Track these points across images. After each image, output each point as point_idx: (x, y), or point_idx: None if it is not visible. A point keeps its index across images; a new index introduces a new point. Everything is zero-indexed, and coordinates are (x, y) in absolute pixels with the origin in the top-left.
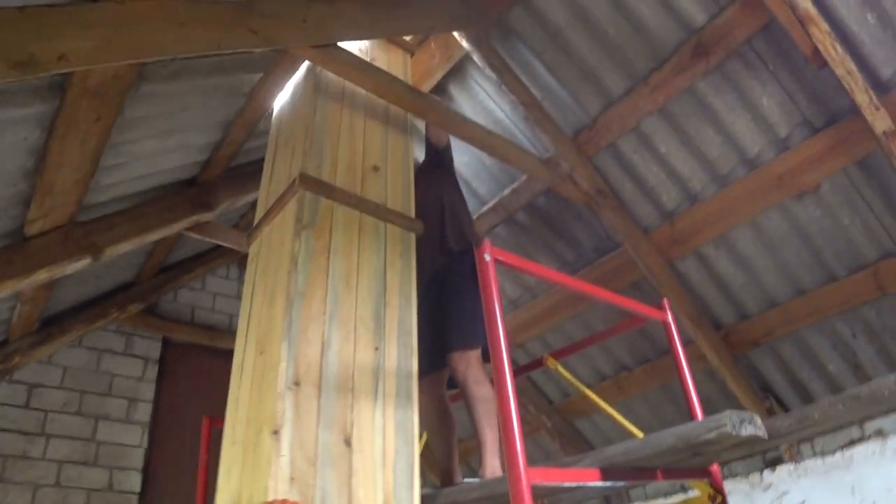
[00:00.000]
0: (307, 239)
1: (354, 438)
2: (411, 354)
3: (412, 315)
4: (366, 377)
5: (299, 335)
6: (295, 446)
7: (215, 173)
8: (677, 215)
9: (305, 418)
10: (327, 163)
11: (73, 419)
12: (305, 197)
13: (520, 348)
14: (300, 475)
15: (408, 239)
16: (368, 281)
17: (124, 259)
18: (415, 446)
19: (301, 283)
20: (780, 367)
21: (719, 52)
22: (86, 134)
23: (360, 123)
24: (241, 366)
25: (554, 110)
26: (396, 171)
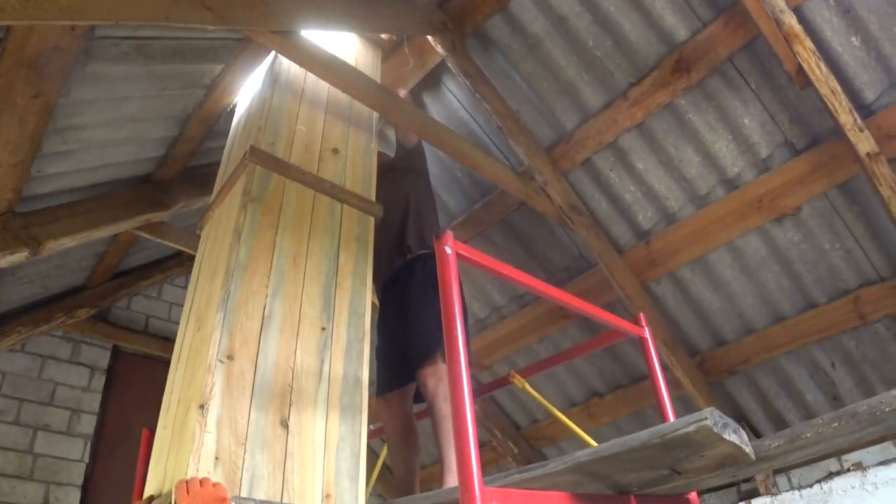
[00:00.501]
0: (253, 212)
1: (292, 421)
2: (363, 338)
3: (366, 298)
4: (310, 357)
5: (237, 308)
6: (223, 424)
7: (172, 172)
8: (653, 235)
9: (237, 395)
10: (282, 140)
11: (10, 429)
12: (255, 171)
13: (486, 370)
14: (227, 455)
15: (366, 222)
16: (319, 260)
17: (74, 260)
18: (362, 436)
19: (243, 256)
20: (757, 396)
21: (701, 68)
22: (24, 112)
23: (320, 110)
24: (179, 349)
25: (529, 122)
26: (358, 154)
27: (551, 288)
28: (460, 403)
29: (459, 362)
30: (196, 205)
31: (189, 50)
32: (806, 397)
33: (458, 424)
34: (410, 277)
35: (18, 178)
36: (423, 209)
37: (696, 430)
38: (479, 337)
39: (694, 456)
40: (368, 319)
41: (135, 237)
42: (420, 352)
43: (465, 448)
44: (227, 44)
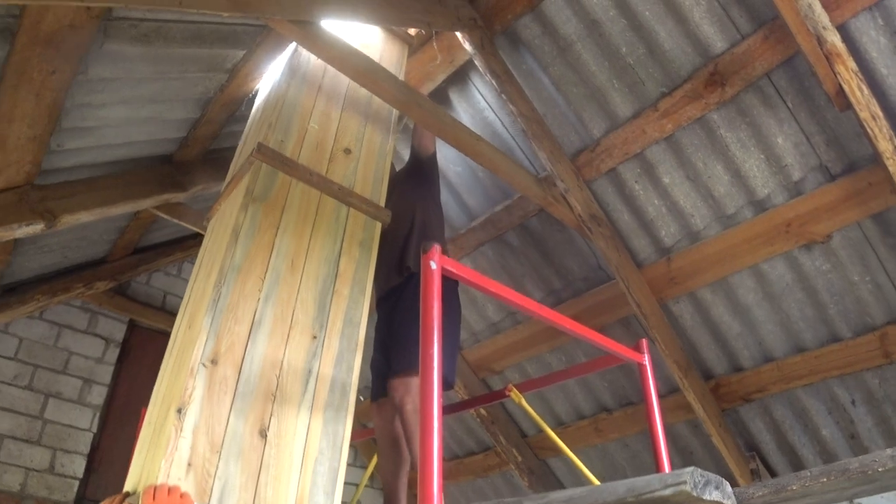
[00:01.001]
0: (254, 213)
1: (271, 431)
2: (355, 349)
3: (363, 308)
4: (297, 367)
5: (226, 310)
6: (200, 429)
7: (193, 153)
8: (675, 253)
9: (217, 400)
10: (293, 138)
11: (22, 393)
12: (261, 168)
13: (497, 375)
14: (200, 462)
15: (372, 227)
16: (318, 265)
17: (95, 233)
18: (342, 451)
19: (238, 258)
20: (770, 428)
21: (736, 82)
22: (40, 87)
23: (337, 105)
24: (172, 345)
25: (555, 127)
26: (371, 157)
27: (543, 308)
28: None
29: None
30: (214, 188)
31: (209, 34)
32: (822, 433)
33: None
34: (403, 294)
35: (37, 152)
36: (429, 227)
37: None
38: (491, 341)
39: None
40: (363, 330)
41: (156, 214)
42: (396, 364)
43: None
44: (249, 30)
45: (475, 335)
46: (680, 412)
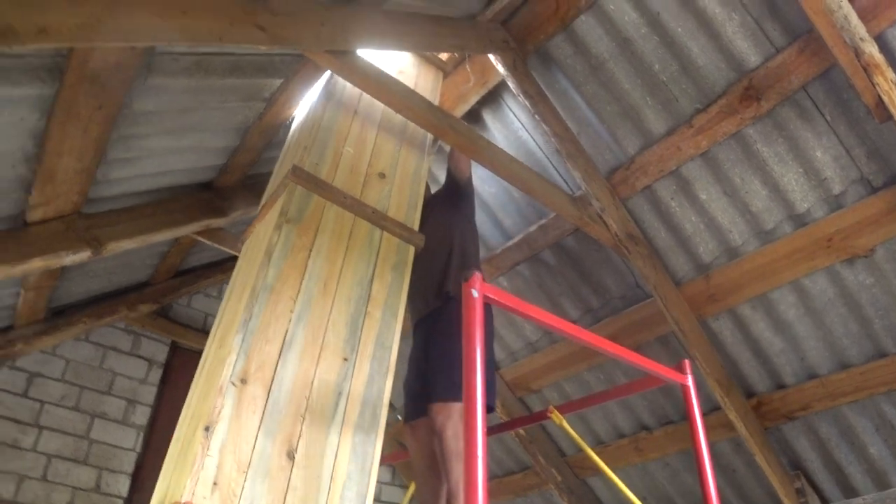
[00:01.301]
0: (288, 233)
1: (300, 453)
2: (386, 373)
3: (395, 332)
4: (327, 389)
5: (257, 330)
6: (227, 448)
7: (232, 179)
8: (714, 269)
9: (246, 420)
10: (328, 161)
11: (69, 414)
12: (295, 190)
13: (535, 394)
14: (225, 481)
15: (405, 251)
16: (350, 287)
17: (138, 258)
18: (371, 476)
19: (271, 278)
20: (816, 446)
21: (772, 96)
22: (87, 122)
23: (372, 129)
24: (203, 363)
25: (589, 146)
26: (405, 181)
27: (582, 331)
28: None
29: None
30: (253, 213)
31: (248, 65)
32: (869, 450)
33: (469, 483)
34: (441, 317)
35: (84, 183)
36: (467, 252)
37: None
38: (529, 360)
39: None
40: (395, 353)
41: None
42: (436, 389)
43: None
44: (286, 59)
45: (513, 354)
46: (721, 430)
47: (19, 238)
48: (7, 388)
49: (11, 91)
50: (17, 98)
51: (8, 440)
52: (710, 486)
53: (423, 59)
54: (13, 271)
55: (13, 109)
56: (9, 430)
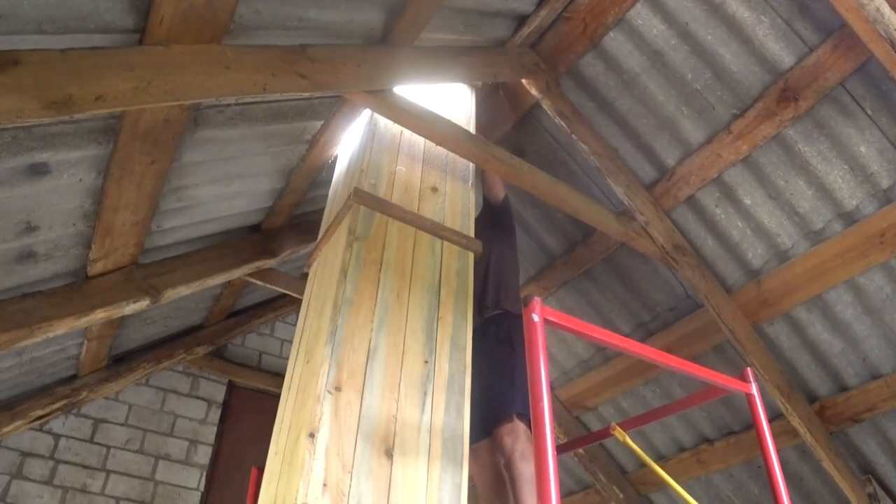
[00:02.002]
0: (358, 250)
1: (397, 451)
2: (464, 371)
3: (467, 333)
4: (413, 389)
5: (344, 341)
6: (331, 451)
7: (280, 220)
8: (765, 274)
9: (345, 424)
10: (384, 181)
11: (135, 457)
12: (359, 210)
13: (591, 412)
14: (334, 482)
15: (465, 257)
16: (421, 295)
17: (193, 302)
18: (463, 469)
19: (349, 292)
20: (885, 447)
21: (809, 95)
22: (141, 177)
23: (419, 147)
24: (290, 380)
25: (628, 161)
26: (456, 192)
27: (641, 346)
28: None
29: (545, 434)
30: (302, 251)
31: (289, 110)
32: None
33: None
34: (485, 336)
35: (140, 234)
36: (504, 269)
37: None
38: (584, 378)
39: None
40: (470, 353)
41: (248, 280)
42: (495, 411)
43: None
44: (325, 101)
45: (566, 373)
46: (785, 438)
47: (82, 291)
48: (74, 434)
49: (70, 154)
50: (75, 160)
51: (77, 485)
52: (782, 496)
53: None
54: (77, 323)
55: (73, 171)
56: (78, 476)
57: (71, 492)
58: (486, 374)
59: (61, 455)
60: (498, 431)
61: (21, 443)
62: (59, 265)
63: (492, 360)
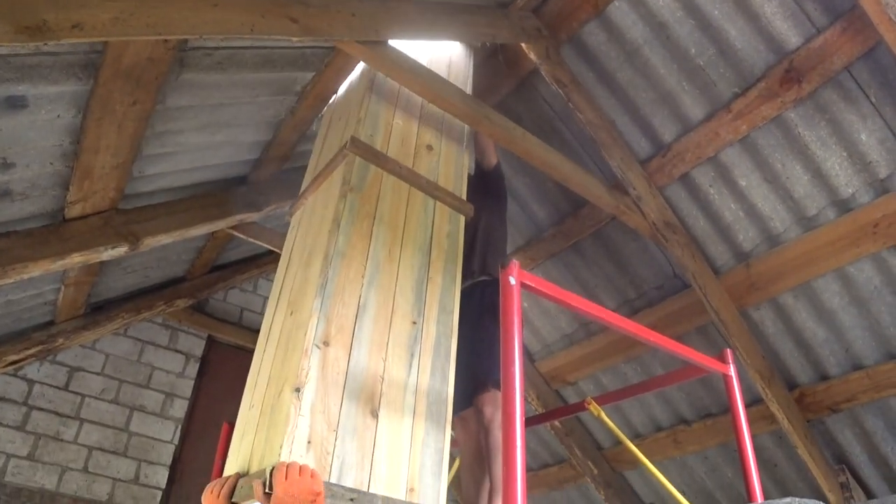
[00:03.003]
0: (352, 202)
1: (382, 412)
2: (451, 335)
3: (455, 297)
4: (400, 350)
5: (334, 295)
6: (317, 408)
7: (266, 174)
8: (754, 258)
9: (331, 381)
10: (381, 133)
11: (109, 407)
12: (355, 161)
13: (571, 386)
14: (319, 440)
15: (457, 220)
16: (412, 254)
17: (175, 253)
18: (446, 433)
19: (342, 244)
20: (861, 439)
21: (814, 78)
22: (122, 118)
23: (417, 103)
24: (268, 330)
25: (624, 134)
26: (451, 154)
27: (618, 317)
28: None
29: (514, 398)
30: (287, 206)
31: (279, 58)
32: None
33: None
34: (469, 301)
35: (120, 179)
36: (493, 235)
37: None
38: (566, 352)
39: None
40: (456, 317)
41: (231, 233)
42: (477, 380)
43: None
44: (318, 52)
45: (548, 347)
46: (763, 423)
47: (59, 234)
48: (49, 381)
49: (48, 89)
50: (53, 95)
51: (50, 432)
52: (753, 478)
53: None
54: (53, 266)
55: (51, 107)
56: (51, 423)
57: (43, 438)
58: (469, 341)
59: (35, 401)
60: (479, 400)
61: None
62: (35, 205)
63: (475, 328)
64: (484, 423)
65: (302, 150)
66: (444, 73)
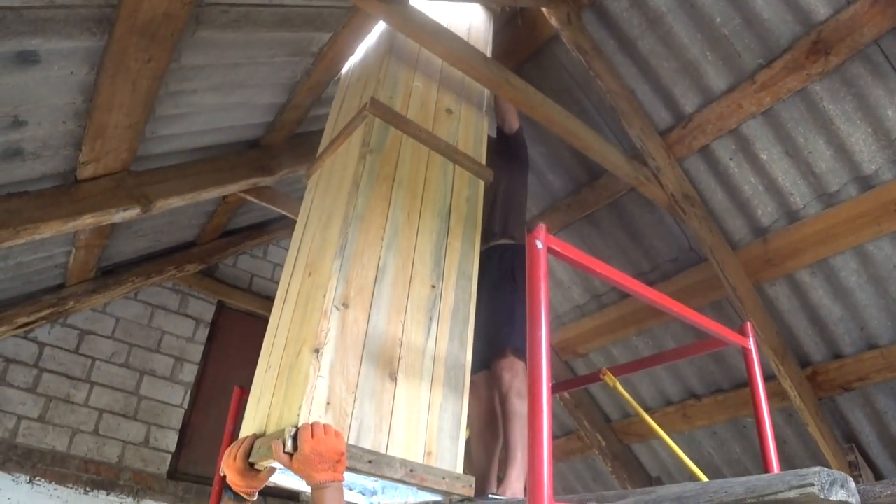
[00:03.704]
0: (372, 164)
1: (400, 375)
2: (469, 301)
3: (474, 262)
4: (419, 314)
5: (353, 257)
6: (336, 370)
7: (279, 137)
8: (772, 233)
9: (351, 343)
10: (400, 95)
11: (119, 370)
12: (374, 122)
13: (581, 358)
14: (337, 402)
15: (476, 185)
16: (431, 218)
17: (186, 217)
18: (464, 397)
19: (361, 207)
20: (872, 418)
21: (841, 50)
22: (137, 76)
23: (436, 67)
24: (285, 292)
25: (645, 104)
26: (470, 118)
27: (649, 289)
28: (537, 415)
29: (541, 365)
30: (301, 171)
31: (296, 17)
32: None
33: (534, 435)
34: (487, 264)
35: (133, 139)
36: (514, 199)
37: (799, 496)
38: (577, 324)
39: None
40: (475, 283)
41: (243, 198)
42: (493, 344)
43: (537, 461)
44: (335, 12)
45: (560, 317)
46: (774, 400)
47: (70, 195)
48: (59, 344)
49: (61, 44)
50: (66, 51)
51: (61, 395)
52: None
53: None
54: (64, 227)
55: (64, 63)
56: (62, 385)
57: (54, 401)
58: (486, 304)
59: (45, 364)
60: (496, 365)
61: (5, 349)
62: (47, 166)
63: (493, 292)
64: (502, 390)
65: (316, 114)
66: (464, 38)
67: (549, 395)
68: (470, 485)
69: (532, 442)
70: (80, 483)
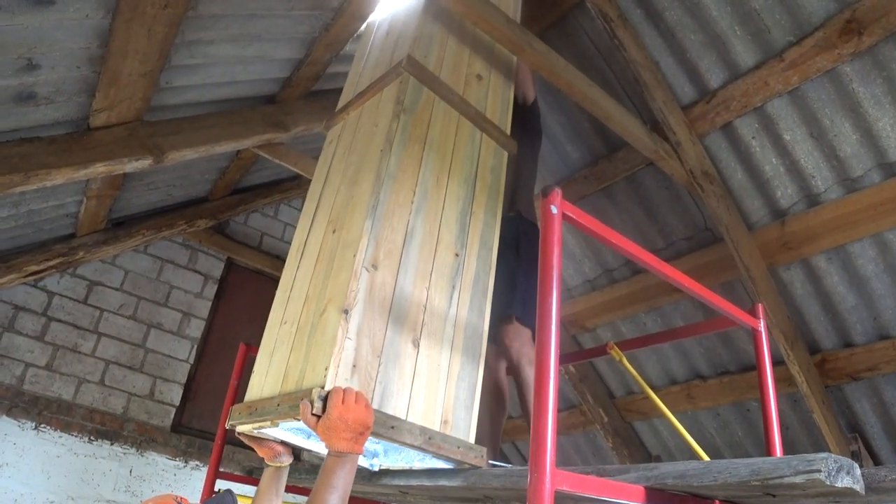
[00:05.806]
0: (405, 123)
1: (423, 342)
2: (489, 271)
3: (495, 233)
4: (443, 281)
5: (384, 217)
6: (363, 332)
7: (295, 94)
8: (791, 216)
9: (378, 306)
10: (434, 56)
11: (127, 322)
12: (409, 80)
13: (589, 333)
14: (363, 365)
15: (500, 155)
16: (458, 185)
17: (198, 172)
18: (479, 369)
19: (393, 167)
20: (878, 409)
21: (876, 31)
22: (153, 21)
23: (469, 31)
24: (303, 245)
25: (668, 77)
26: (498, 87)
27: (663, 264)
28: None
29: (549, 336)
30: (316, 129)
31: None
32: None
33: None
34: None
35: (147, 88)
36: (523, 172)
37: (804, 481)
38: (586, 298)
39: (796, 493)
40: (495, 254)
41: (256, 156)
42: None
43: (542, 428)
44: None
45: (569, 291)
46: (780, 385)
47: (83, 142)
48: (68, 294)
49: None
50: None
51: (68, 344)
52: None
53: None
54: (76, 175)
55: (80, 5)
56: (69, 335)
57: (62, 350)
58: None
59: (54, 313)
60: (503, 332)
61: (14, 296)
62: (60, 112)
63: (512, 261)
64: (513, 359)
65: (334, 71)
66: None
67: (556, 364)
68: (482, 455)
69: (538, 407)
70: (84, 432)
